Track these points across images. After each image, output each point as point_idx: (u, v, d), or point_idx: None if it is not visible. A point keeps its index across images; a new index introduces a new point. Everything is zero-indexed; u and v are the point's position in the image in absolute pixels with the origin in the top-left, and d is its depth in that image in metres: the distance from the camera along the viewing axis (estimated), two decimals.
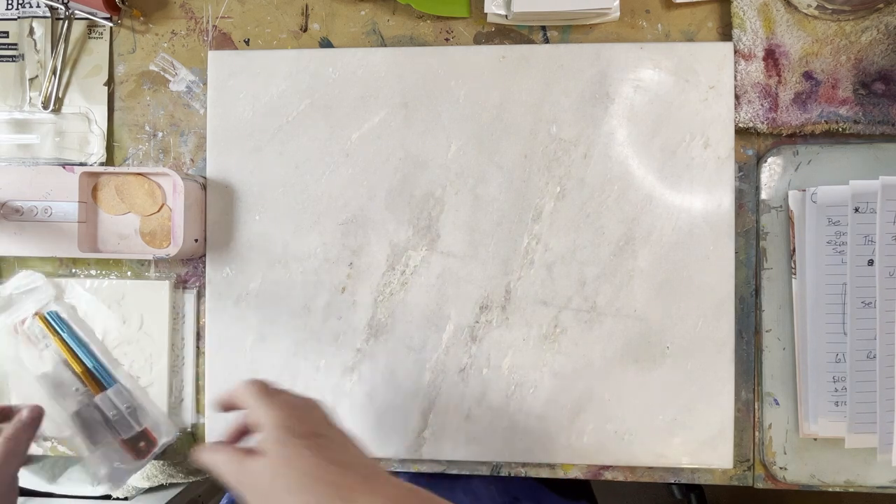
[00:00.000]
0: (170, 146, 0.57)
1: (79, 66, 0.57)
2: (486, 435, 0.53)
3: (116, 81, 0.57)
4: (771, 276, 0.52)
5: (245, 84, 0.55)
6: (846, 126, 0.51)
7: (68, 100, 0.57)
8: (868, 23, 0.51)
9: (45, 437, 0.57)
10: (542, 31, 0.54)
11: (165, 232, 0.55)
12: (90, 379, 0.54)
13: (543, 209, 0.53)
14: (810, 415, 0.50)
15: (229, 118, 0.55)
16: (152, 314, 0.55)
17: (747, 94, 0.52)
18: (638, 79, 0.52)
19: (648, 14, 0.54)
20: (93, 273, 0.57)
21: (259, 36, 0.56)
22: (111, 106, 0.57)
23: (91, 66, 0.57)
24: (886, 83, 0.51)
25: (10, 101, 0.57)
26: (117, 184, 0.54)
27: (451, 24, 0.55)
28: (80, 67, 0.57)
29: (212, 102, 0.55)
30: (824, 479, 0.51)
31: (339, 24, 0.56)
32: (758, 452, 0.53)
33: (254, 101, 0.55)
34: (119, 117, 0.57)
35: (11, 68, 0.57)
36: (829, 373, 0.50)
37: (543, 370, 0.52)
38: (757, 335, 0.52)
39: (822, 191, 0.49)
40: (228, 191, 0.55)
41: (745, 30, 0.51)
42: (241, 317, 0.55)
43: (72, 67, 0.57)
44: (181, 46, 0.57)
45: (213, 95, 0.55)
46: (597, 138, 0.52)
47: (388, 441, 0.54)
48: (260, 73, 0.55)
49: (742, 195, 0.53)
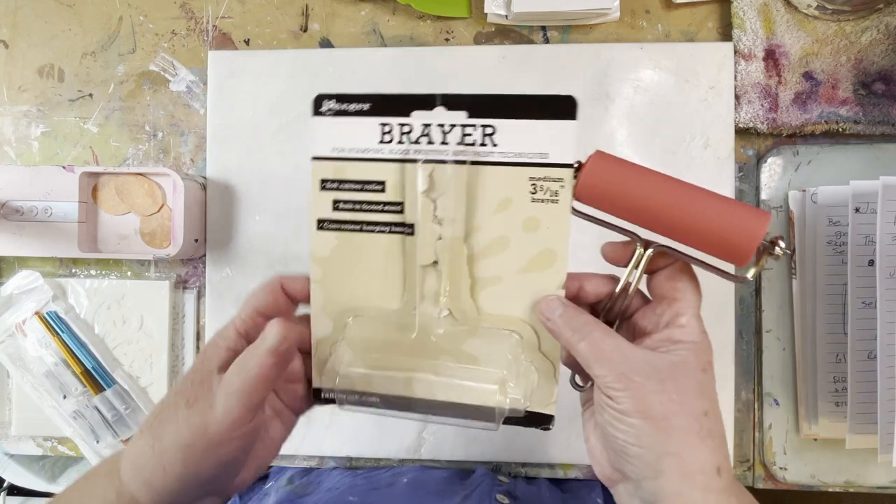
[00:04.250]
0: (170, 146, 0.57)
1: None
2: (486, 435, 0.53)
3: (116, 81, 0.57)
4: (771, 276, 0.52)
5: (245, 84, 0.55)
6: (846, 126, 0.51)
7: None
8: (868, 23, 0.51)
9: (44, 437, 0.57)
10: (542, 31, 0.54)
11: (165, 232, 0.55)
12: (89, 379, 0.54)
13: None
14: (810, 415, 0.50)
15: (229, 118, 0.55)
16: (152, 314, 0.55)
17: (747, 95, 0.52)
18: (638, 79, 0.52)
19: (648, 14, 0.54)
20: (93, 273, 0.57)
21: (259, 36, 0.56)
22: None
23: None
24: (886, 83, 0.51)
25: None
26: (117, 184, 0.54)
27: (451, 24, 0.55)
28: None
29: (212, 102, 0.55)
30: (824, 479, 0.51)
31: (339, 24, 0.56)
32: (758, 453, 0.53)
33: (254, 101, 0.54)
34: (119, 117, 0.57)
35: None
36: (829, 373, 0.49)
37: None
38: (757, 335, 0.52)
39: (822, 191, 0.49)
40: (228, 191, 0.55)
41: (745, 30, 0.51)
42: None
43: None
44: (181, 46, 0.57)
45: (213, 95, 0.55)
46: (597, 138, 0.52)
47: (388, 441, 0.54)
48: (260, 73, 0.55)
49: (742, 195, 0.53)
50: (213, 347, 0.32)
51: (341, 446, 0.54)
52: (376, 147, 0.34)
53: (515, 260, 0.33)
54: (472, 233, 0.34)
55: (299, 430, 0.54)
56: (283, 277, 0.34)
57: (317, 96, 0.34)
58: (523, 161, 0.32)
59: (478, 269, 0.34)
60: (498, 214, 0.33)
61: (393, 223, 0.34)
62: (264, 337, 0.31)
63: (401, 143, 0.33)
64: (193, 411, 0.31)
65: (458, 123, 0.33)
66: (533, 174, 0.32)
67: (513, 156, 0.33)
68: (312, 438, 0.54)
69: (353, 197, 0.34)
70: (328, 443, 0.54)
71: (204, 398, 0.31)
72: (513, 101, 0.32)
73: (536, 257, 0.33)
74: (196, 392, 0.31)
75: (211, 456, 0.31)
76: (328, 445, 0.54)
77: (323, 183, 0.34)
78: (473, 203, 0.33)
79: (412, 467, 0.53)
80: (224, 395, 0.30)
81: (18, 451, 0.58)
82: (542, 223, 0.33)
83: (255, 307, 0.33)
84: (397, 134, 0.33)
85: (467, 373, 0.35)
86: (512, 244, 0.33)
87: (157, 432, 0.31)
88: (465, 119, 0.33)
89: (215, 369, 0.31)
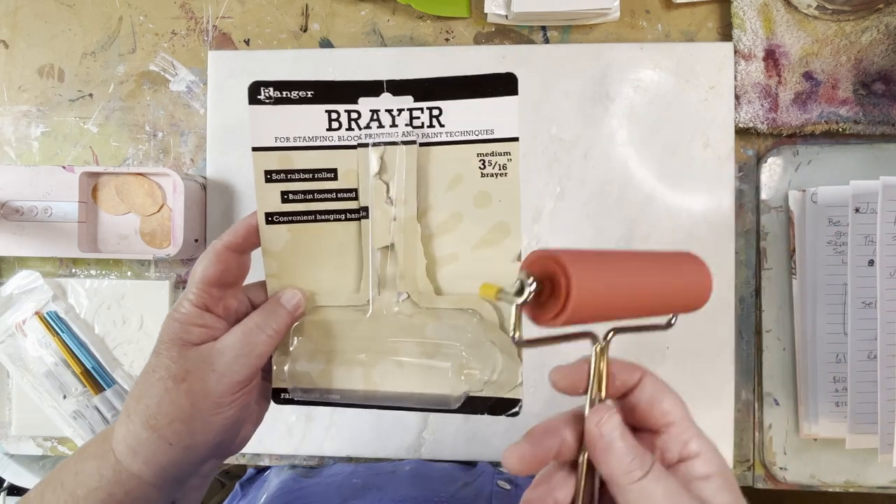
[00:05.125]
0: (170, 146, 0.57)
1: None
2: (485, 435, 0.53)
3: (116, 81, 0.57)
4: (771, 276, 0.52)
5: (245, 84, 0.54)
6: (846, 126, 0.51)
7: None
8: (868, 23, 0.51)
9: (44, 437, 0.57)
10: (542, 31, 0.54)
11: (165, 232, 0.55)
12: (89, 379, 0.54)
13: (543, 209, 0.53)
14: (810, 415, 0.50)
15: (229, 118, 0.55)
16: (152, 314, 0.55)
17: (747, 95, 0.52)
18: (638, 79, 0.52)
19: (648, 14, 0.54)
20: (93, 273, 0.57)
21: (259, 36, 0.56)
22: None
23: None
24: (886, 83, 0.51)
25: None
26: (117, 184, 0.54)
27: (451, 24, 0.55)
28: None
29: (212, 102, 0.55)
30: (824, 479, 0.51)
31: (339, 24, 0.56)
32: (758, 453, 0.53)
33: None
34: (119, 117, 0.57)
35: None
36: (829, 373, 0.49)
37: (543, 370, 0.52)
38: (757, 335, 0.52)
39: (822, 191, 0.49)
40: (228, 191, 0.55)
41: (745, 30, 0.51)
42: None
43: None
44: (181, 46, 0.57)
45: (213, 95, 0.55)
46: (597, 138, 0.52)
47: (388, 441, 0.54)
48: (260, 73, 0.54)
49: (742, 195, 0.53)
50: (178, 325, 0.32)
51: (341, 446, 0.54)
52: (324, 134, 0.34)
53: (470, 236, 0.34)
54: (426, 212, 0.34)
55: (299, 429, 0.55)
56: (223, 241, 0.34)
57: (252, 83, 0.33)
58: (470, 139, 0.33)
59: (433, 247, 0.34)
60: (450, 192, 0.34)
61: (347, 210, 0.34)
62: (282, 300, 0.33)
63: (350, 129, 0.33)
64: (189, 384, 0.31)
65: (406, 108, 0.33)
66: (480, 150, 0.33)
67: (460, 134, 0.33)
68: (312, 438, 0.54)
69: (303, 187, 0.34)
70: (328, 443, 0.54)
71: (196, 369, 0.31)
72: (456, 82, 0.33)
73: (490, 231, 0.34)
74: (183, 366, 0.31)
75: (216, 420, 0.32)
76: (328, 445, 0.54)
77: (268, 174, 0.34)
78: (425, 182, 0.34)
79: (414, 460, 0.53)
80: (232, 357, 0.32)
81: (18, 451, 0.58)
82: (493, 197, 0.34)
83: (204, 279, 0.33)
84: (345, 120, 0.33)
85: (427, 359, 0.35)
86: (465, 220, 0.34)
87: (150, 412, 0.31)
88: (412, 103, 0.33)
89: (190, 344, 0.32)
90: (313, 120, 0.33)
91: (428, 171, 0.34)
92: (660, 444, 0.27)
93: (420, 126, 0.33)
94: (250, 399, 0.34)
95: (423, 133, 0.33)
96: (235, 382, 0.32)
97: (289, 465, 0.55)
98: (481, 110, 0.33)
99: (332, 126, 0.33)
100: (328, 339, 0.35)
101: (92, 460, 0.32)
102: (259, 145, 0.34)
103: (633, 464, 0.24)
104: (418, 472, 0.51)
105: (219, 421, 0.32)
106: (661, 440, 0.27)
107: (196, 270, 0.33)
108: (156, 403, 0.31)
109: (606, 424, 0.25)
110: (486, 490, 0.48)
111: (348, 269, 0.35)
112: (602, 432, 0.25)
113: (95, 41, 0.57)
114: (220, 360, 0.32)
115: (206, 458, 0.33)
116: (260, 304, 0.34)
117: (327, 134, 0.34)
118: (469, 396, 0.34)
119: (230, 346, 0.32)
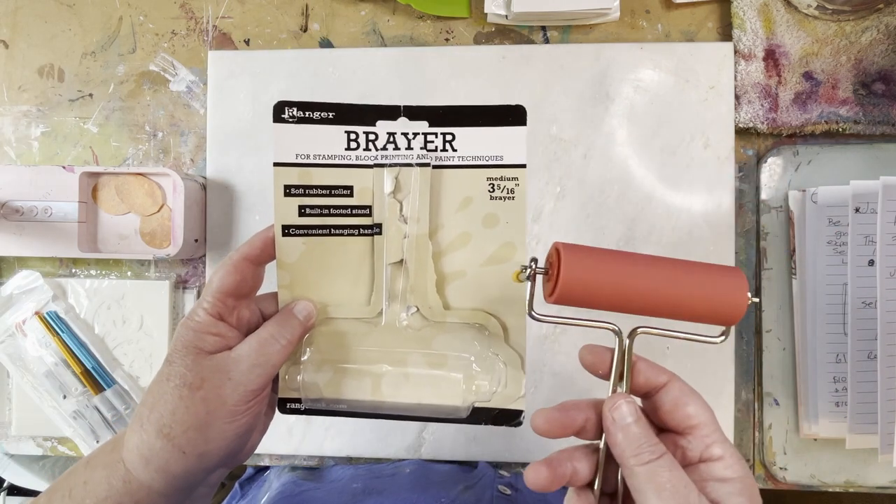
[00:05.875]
0: (170, 146, 0.57)
1: None
2: (485, 435, 0.53)
3: (116, 81, 0.57)
4: (771, 276, 0.52)
5: (245, 84, 0.55)
6: (846, 126, 0.51)
7: None
8: (868, 23, 0.51)
9: (44, 437, 0.57)
10: (542, 31, 0.54)
11: (165, 232, 0.55)
12: (89, 379, 0.54)
13: (543, 209, 0.53)
14: (810, 415, 0.50)
15: (229, 118, 0.55)
16: (152, 314, 0.55)
17: (747, 95, 0.52)
18: (638, 79, 0.52)
19: (648, 14, 0.54)
20: (93, 273, 0.57)
21: (259, 36, 0.56)
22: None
23: None
24: (886, 83, 0.51)
25: None
26: (117, 184, 0.54)
27: (451, 24, 0.55)
28: None
29: (212, 102, 0.55)
30: (824, 479, 0.51)
31: (339, 24, 0.56)
32: (758, 453, 0.53)
33: (254, 101, 0.54)
34: (119, 117, 0.57)
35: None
36: (829, 373, 0.49)
37: (543, 370, 0.52)
38: (757, 335, 0.52)
39: (822, 191, 0.49)
40: (228, 191, 0.55)
41: (745, 30, 0.51)
42: None
43: None
44: (181, 46, 0.57)
45: (213, 95, 0.55)
46: (597, 138, 0.52)
47: (388, 441, 0.54)
48: (260, 73, 0.55)
49: (742, 195, 0.53)
50: (193, 333, 0.33)
51: (341, 446, 0.54)
52: (343, 153, 0.35)
53: (478, 254, 0.36)
54: (437, 230, 0.36)
55: (299, 429, 0.55)
56: (241, 252, 0.34)
57: (277, 103, 0.35)
58: (481, 164, 0.35)
59: (443, 264, 0.36)
60: (460, 212, 0.36)
61: (361, 226, 0.36)
62: (294, 311, 0.34)
63: (367, 149, 0.35)
64: (205, 392, 0.32)
65: (421, 132, 0.35)
66: (490, 175, 0.35)
67: (471, 159, 0.35)
68: (312, 438, 0.54)
69: (320, 202, 0.35)
70: (328, 443, 0.54)
71: (212, 377, 0.32)
72: (469, 111, 0.35)
73: (497, 250, 0.36)
74: (199, 375, 0.32)
75: (231, 428, 0.32)
76: (328, 445, 0.54)
77: (287, 189, 0.35)
78: (437, 203, 0.36)
79: (414, 461, 0.53)
80: (248, 367, 0.32)
81: (18, 451, 0.58)
82: (500, 219, 0.36)
83: (221, 289, 0.33)
84: (363, 141, 0.35)
85: (435, 370, 0.36)
86: (474, 239, 0.36)
87: (164, 421, 0.31)
88: (427, 128, 0.35)
89: (204, 352, 0.32)
90: (333, 139, 0.35)
91: (440, 192, 0.36)
92: (682, 444, 0.28)
93: (434, 150, 0.35)
94: (262, 408, 0.34)
95: (437, 156, 0.35)
96: (250, 391, 0.32)
97: (289, 466, 0.55)
98: (492, 138, 0.35)
99: (351, 146, 0.35)
100: (337, 349, 0.36)
101: (101, 469, 0.33)
102: (280, 161, 0.35)
103: (644, 447, 0.26)
104: (418, 474, 0.51)
105: (233, 429, 0.32)
106: (683, 441, 0.28)
107: (213, 280, 0.33)
108: (170, 412, 0.31)
109: (622, 408, 0.27)
110: (486, 494, 0.48)
111: (360, 282, 0.36)
112: (616, 416, 0.27)
113: (95, 41, 0.57)
114: (236, 368, 0.32)
115: (217, 466, 0.34)
116: (271, 315, 0.35)
117: (346, 153, 0.35)
118: (474, 407, 0.36)
119: (246, 356, 0.33)
